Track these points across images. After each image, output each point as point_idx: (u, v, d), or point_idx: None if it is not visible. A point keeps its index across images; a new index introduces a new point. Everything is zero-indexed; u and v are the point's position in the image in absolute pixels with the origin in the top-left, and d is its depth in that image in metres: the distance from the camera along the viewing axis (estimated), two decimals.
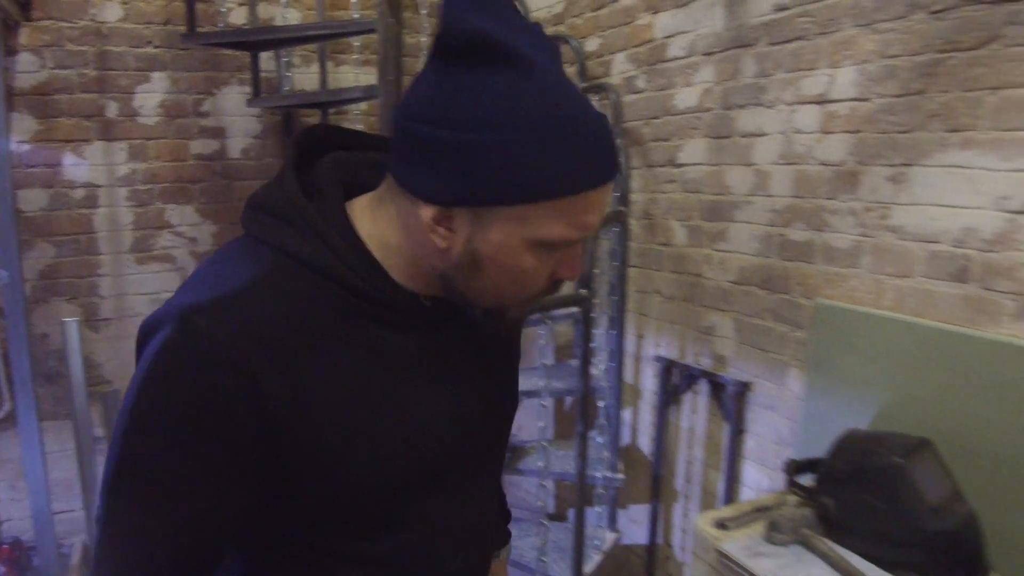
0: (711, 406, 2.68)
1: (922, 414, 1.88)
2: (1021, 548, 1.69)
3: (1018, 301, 1.74)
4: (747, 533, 1.76)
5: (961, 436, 1.80)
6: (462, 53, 0.73)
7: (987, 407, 1.77)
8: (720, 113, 2.51)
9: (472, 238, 0.78)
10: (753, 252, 2.43)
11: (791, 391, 2.33)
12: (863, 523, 1.62)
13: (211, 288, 0.79)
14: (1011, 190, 1.73)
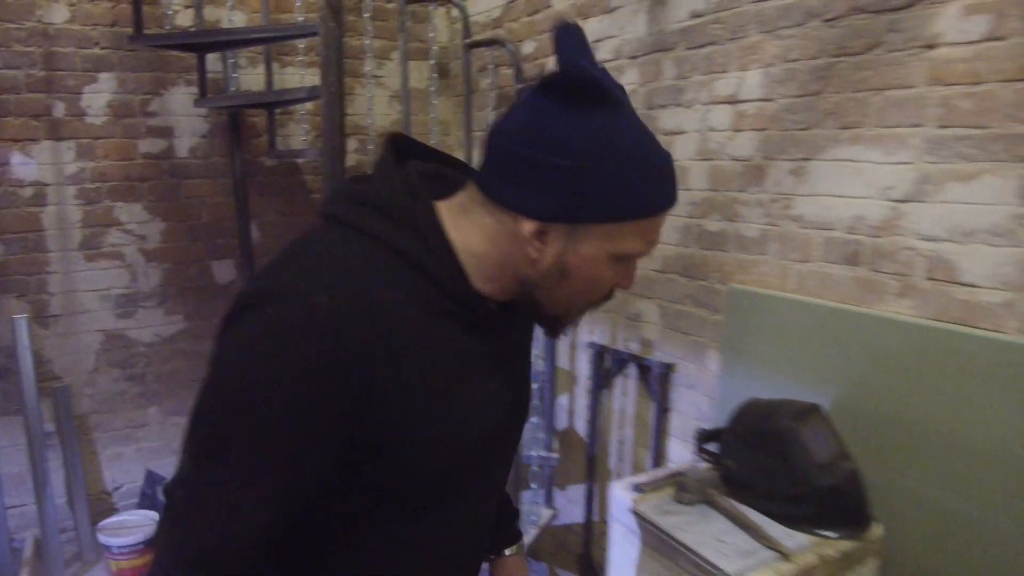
0: (640, 388, 2.85)
1: (818, 384, 2.07)
2: (902, 500, 1.88)
3: (900, 281, 1.93)
4: (659, 496, 1.92)
5: (851, 402, 1.99)
6: (572, 93, 0.85)
7: (873, 376, 1.96)
8: (644, 113, 2.68)
9: (565, 251, 0.89)
10: (675, 243, 2.60)
11: (710, 370, 2.51)
12: (760, 482, 1.79)
13: (324, 269, 0.86)
14: (894, 181, 1.92)
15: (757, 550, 1.68)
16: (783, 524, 1.76)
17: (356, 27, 3.47)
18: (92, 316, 3.29)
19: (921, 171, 1.86)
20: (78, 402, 3.32)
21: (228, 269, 3.53)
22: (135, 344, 3.40)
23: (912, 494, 1.88)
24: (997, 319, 1.75)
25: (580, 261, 0.90)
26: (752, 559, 1.64)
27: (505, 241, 0.91)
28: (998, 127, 1.71)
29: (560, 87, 0.85)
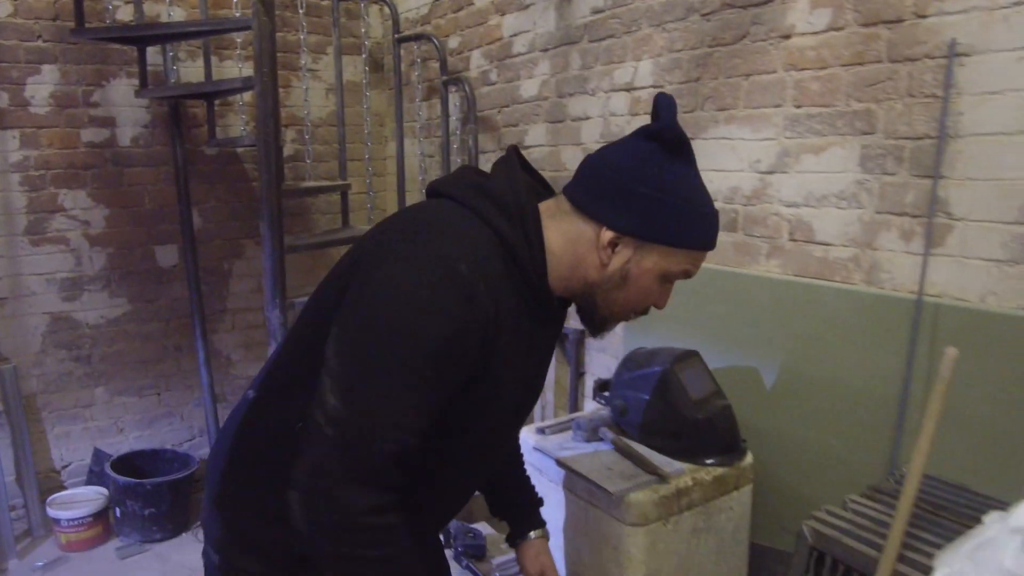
0: (557, 355, 3.09)
1: (702, 336, 2.33)
2: (770, 433, 2.16)
3: (769, 243, 2.21)
4: (560, 436, 2.17)
5: (727, 349, 2.25)
6: (668, 143, 1.12)
7: (748, 327, 2.23)
8: (555, 101, 2.93)
9: (630, 260, 1.15)
10: None
11: (616, 334, 2.76)
12: (645, 418, 2.04)
13: (460, 243, 1.09)
14: (761, 155, 2.20)
15: (640, 475, 1.92)
16: (665, 454, 2.01)
17: (292, 22, 3.66)
18: (38, 299, 3.41)
19: (782, 145, 2.14)
20: (26, 383, 3.44)
21: (171, 253, 3.68)
22: (81, 326, 3.54)
23: (779, 427, 2.15)
24: (847, 272, 2.03)
25: (640, 272, 1.16)
26: (634, 482, 1.89)
27: (582, 246, 1.16)
28: (841, 105, 1.99)
29: (662, 137, 1.13)
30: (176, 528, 3.52)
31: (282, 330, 3.04)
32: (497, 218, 1.13)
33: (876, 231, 1.95)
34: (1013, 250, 1.69)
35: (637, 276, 1.16)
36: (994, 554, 0.80)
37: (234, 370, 3.98)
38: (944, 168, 1.79)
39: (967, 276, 1.77)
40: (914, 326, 1.84)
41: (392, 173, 4.01)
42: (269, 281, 3.00)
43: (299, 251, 3.30)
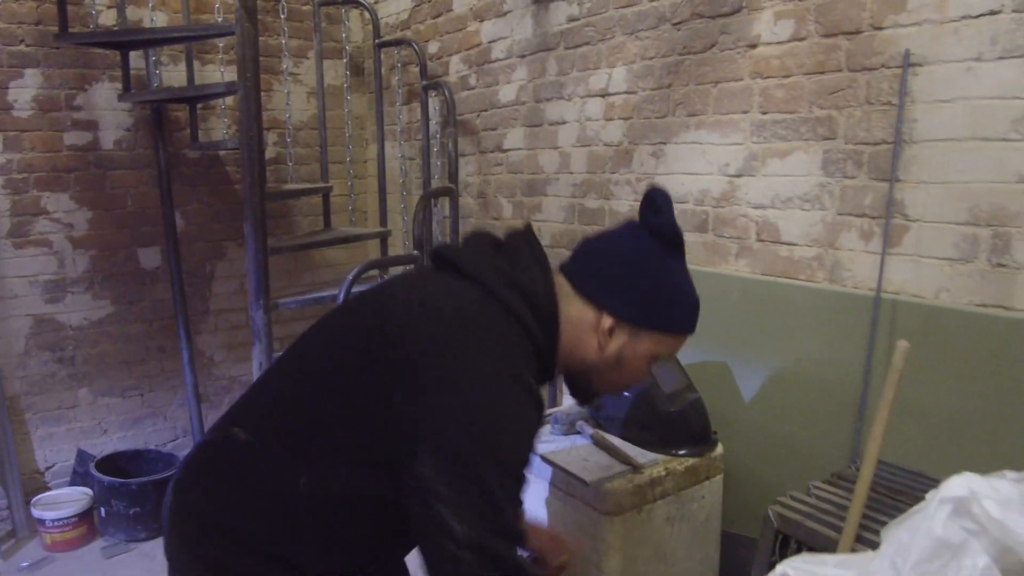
0: None
1: None
2: (739, 425, 2.25)
3: (738, 243, 2.30)
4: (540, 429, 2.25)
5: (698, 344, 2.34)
6: (666, 241, 1.27)
7: (718, 324, 2.32)
8: (533, 105, 3.01)
9: (625, 345, 1.27)
10: (561, 220, 2.94)
11: None
12: (619, 412, 2.13)
13: (516, 353, 1.20)
14: (729, 159, 2.29)
15: (615, 466, 2.01)
16: (640, 446, 2.10)
17: (273, 27, 3.72)
18: (21, 301, 3.44)
19: (749, 150, 2.23)
20: (9, 384, 3.47)
21: (153, 255, 3.72)
22: (64, 328, 3.57)
23: (747, 419, 2.25)
24: (810, 271, 2.13)
25: (634, 355, 1.28)
26: (609, 472, 1.98)
27: (582, 329, 1.28)
28: (804, 112, 2.09)
29: (662, 236, 1.27)
30: (160, 527, 3.55)
31: (266, 330, 3.10)
32: (533, 324, 1.23)
33: (837, 232, 2.05)
34: (964, 249, 1.80)
35: (631, 359, 1.29)
36: (927, 523, 0.90)
37: (217, 370, 4.03)
38: (900, 172, 1.90)
39: (922, 274, 1.88)
40: (873, 321, 1.94)
41: (373, 175, 4.07)
42: (253, 282, 3.06)
43: (282, 252, 3.36)
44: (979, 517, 0.88)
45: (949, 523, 0.88)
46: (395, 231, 3.84)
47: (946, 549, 0.87)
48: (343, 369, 1.22)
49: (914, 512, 0.99)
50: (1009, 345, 1.71)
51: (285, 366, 1.35)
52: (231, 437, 1.28)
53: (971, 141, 1.77)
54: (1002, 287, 1.75)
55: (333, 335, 1.31)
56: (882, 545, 0.97)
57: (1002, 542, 0.88)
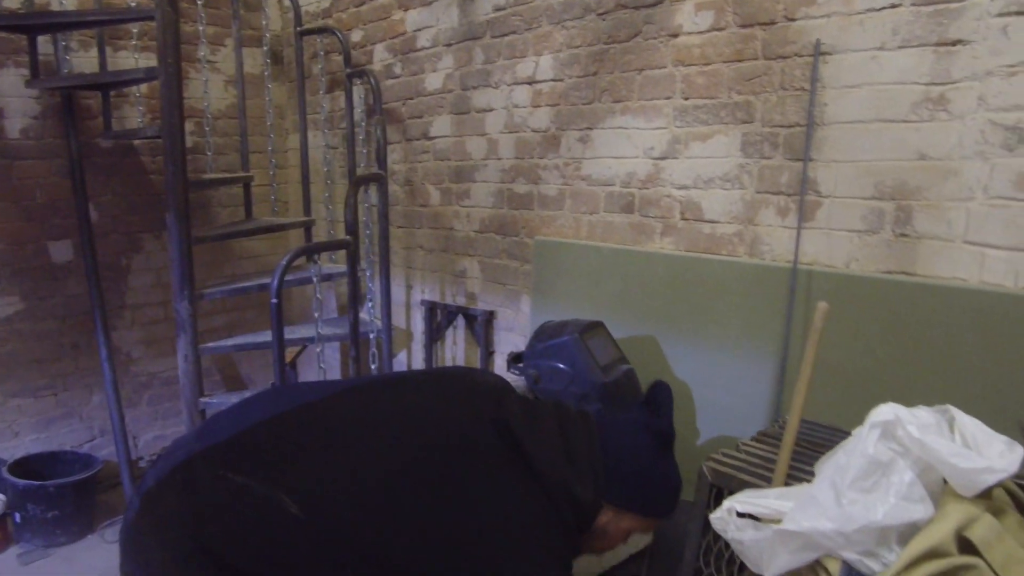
0: (467, 336, 3.24)
1: (605, 309, 2.53)
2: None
3: (663, 223, 2.42)
4: None
5: (629, 320, 2.46)
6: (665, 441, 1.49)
7: (646, 299, 2.44)
8: (459, 93, 3.07)
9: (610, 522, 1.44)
10: (489, 205, 3.01)
11: (524, 313, 2.93)
12: (556, 384, 2.22)
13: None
14: (654, 143, 2.41)
15: None
16: None
17: (189, 13, 3.64)
18: None
19: (673, 134, 2.35)
20: None
21: (65, 249, 3.60)
22: None
23: (677, 388, 2.36)
24: (732, 246, 2.26)
25: (616, 530, 1.47)
26: None
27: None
28: (724, 97, 2.22)
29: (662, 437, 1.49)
30: (81, 530, 3.46)
31: (191, 322, 3.06)
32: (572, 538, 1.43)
33: (756, 209, 2.19)
34: (871, 222, 1.96)
35: (612, 533, 1.48)
36: (860, 445, 1.01)
37: (136, 367, 3.92)
38: (813, 152, 2.05)
39: (834, 245, 2.03)
40: (791, 291, 2.09)
41: (295, 165, 4.04)
42: (177, 272, 3.01)
43: (206, 242, 3.31)
44: (903, 439, 1.00)
45: (879, 444, 1.00)
46: (319, 221, 3.83)
47: (877, 467, 0.98)
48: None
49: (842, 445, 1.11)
50: (913, 308, 1.88)
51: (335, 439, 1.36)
52: (275, 501, 1.25)
53: (876, 123, 1.93)
54: (905, 255, 1.91)
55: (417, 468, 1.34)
56: (818, 473, 1.08)
57: (923, 460, 1.00)
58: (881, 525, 0.94)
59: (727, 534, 1.09)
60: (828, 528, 0.95)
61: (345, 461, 1.31)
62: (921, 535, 0.93)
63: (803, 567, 1.00)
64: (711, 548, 1.73)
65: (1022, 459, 1.02)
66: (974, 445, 1.02)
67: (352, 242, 2.73)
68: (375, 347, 3.07)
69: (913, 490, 0.97)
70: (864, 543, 0.94)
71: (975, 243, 1.81)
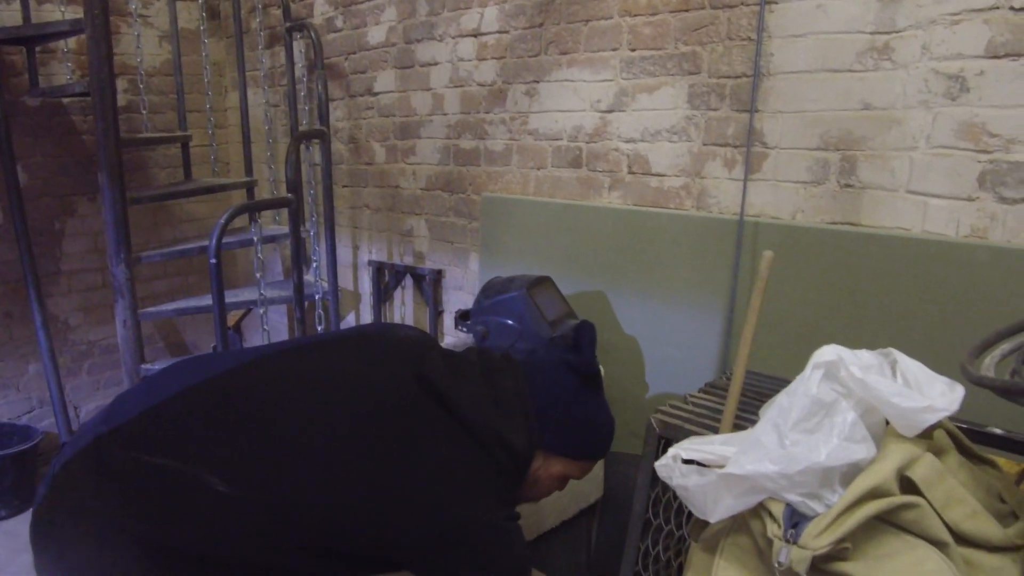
0: (416, 296, 3.20)
1: (553, 265, 2.50)
2: (616, 347, 2.37)
3: (611, 177, 2.40)
4: None
5: (577, 275, 2.45)
6: (588, 378, 1.45)
7: (594, 255, 2.42)
8: (403, 47, 2.99)
9: (540, 468, 1.42)
10: (436, 162, 2.95)
11: (472, 271, 2.89)
12: (504, 340, 2.19)
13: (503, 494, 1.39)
14: (601, 95, 2.37)
15: None
16: None
17: None
18: None
19: (620, 86, 2.32)
20: None
21: None
22: None
23: (626, 343, 2.37)
24: (679, 199, 2.25)
25: (547, 476, 1.45)
26: None
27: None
28: (671, 48, 2.19)
29: (585, 373, 1.45)
30: (21, 504, 3.36)
31: (128, 286, 2.96)
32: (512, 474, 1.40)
33: (703, 161, 2.17)
34: (816, 172, 1.96)
35: (544, 479, 1.45)
36: (803, 386, 1.00)
37: (74, 335, 3.80)
38: (759, 103, 2.03)
39: (780, 197, 2.03)
40: (738, 243, 2.08)
41: (235, 124, 3.92)
42: (112, 235, 2.91)
43: (142, 203, 3.20)
44: (845, 380, 0.99)
45: (822, 385, 0.99)
46: (261, 181, 3.72)
47: (820, 408, 0.98)
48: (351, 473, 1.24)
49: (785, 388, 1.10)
50: (857, 257, 1.89)
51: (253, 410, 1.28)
52: (198, 479, 1.18)
53: (821, 72, 1.91)
54: (850, 206, 1.92)
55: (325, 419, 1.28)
56: (762, 417, 1.07)
57: (866, 401, 0.99)
58: (824, 466, 0.93)
59: (672, 481, 1.07)
60: (771, 470, 0.94)
61: (268, 432, 1.25)
62: (863, 475, 0.93)
63: (747, 510, 1.00)
64: (660, 499, 1.74)
65: (962, 399, 1.02)
66: (916, 386, 1.02)
67: (294, 200, 2.65)
68: (321, 309, 3.01)
69: (855, 430, 0.96)
70: (807, 484, 0.93)
71: (918, 192, 1.81)
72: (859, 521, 0.89)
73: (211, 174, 3.80)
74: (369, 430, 1.27)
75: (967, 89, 1.70)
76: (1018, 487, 1.13)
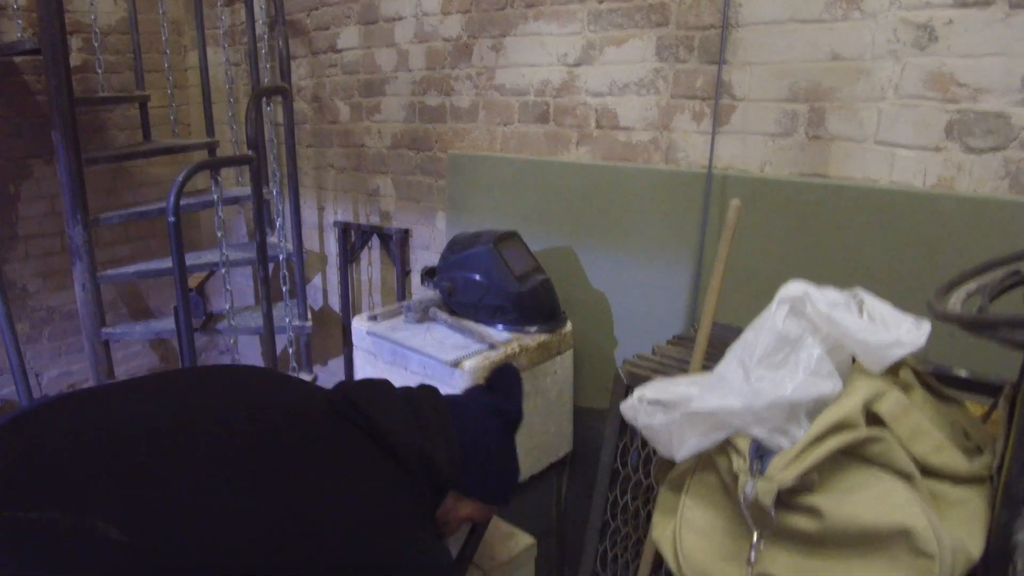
0: (383, 256, 3.15)
1: (521, 221, 2.47)
2: (584, 303, 2.36)
3: (578, 132, 2.37)
4: (391, 321, 2.25)
5: (545, 232, 2.42)
6: (512, 426, 1.44)
7: (562, 211, 2.40)
8: (367, 2, 2.92)
9: (450, 509, 1.37)
10: (401, 120, 2.90)
11: (439, 230, 2.86)
12: (471, 296, 2.17)
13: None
14: (567, 49, 2.33)
15: (471, 345, 2.06)
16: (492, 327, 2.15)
17: None
18: None
19: (587, 39, 2.28)
20: None
21: None
22: None
23: (594, 298, 2.36)
24: (647, 153, 2.23)
25: (455, 518, 1.41)
26: (467, 351, 2.02)
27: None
28: (639, 0, 2.15)
29: (509, 422, 1.44)
30: None
31: (86, 248, 2.89)
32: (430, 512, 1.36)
33: (672, 114, 2.15)
34: (784, 124, 1.94)
35: (452, 521, 1.42)
36: (769, 321, 0.99)
37: (33, 301, 3.71)
38: (728, 54, 2.01)
39: (748, 149, 2.02)
40: (706, 197, 2.07)
41: (195, 84, 3.81)
42: (68, 196, 2.84)
43: (99, 164, 3.11)
44: (812, 316, 0.98)
45: (788, 320, 0.98)
46: (223, 142, 3.63)
47: (786, 343, 0.97)
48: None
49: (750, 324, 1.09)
50: (825, 209, 1.88)
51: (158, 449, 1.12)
52: (91, 529, 1.02)
53: (790, 23, 1.89)
54: (818, 157, 1.91)
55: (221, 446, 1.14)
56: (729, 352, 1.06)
57: (832, 337, 0.99)
58: (790, 401, 0.92)
59: (637, 421, 1.06)
60: (737, 405, 0.93)
61: (166, 471, 1.09)
62: (830, 409, 0.93)
63: (713, 448, 0.99)
64: (628, 449, 1.74)
65: (928, 335, 1.02)
66: (882, 323, 1.01)
67: (255, 158, 2.59)
68: (286, 270, 2.96)
69: (822, 365, 0.96)
70: (773, 419, 0.93)
71: (886, 143, 1.81)
72: (825, 453, 0.89)
73: (171, 136, 3.70)
74: (279, 455, 1.16)
75: (935, 38, 1.69)
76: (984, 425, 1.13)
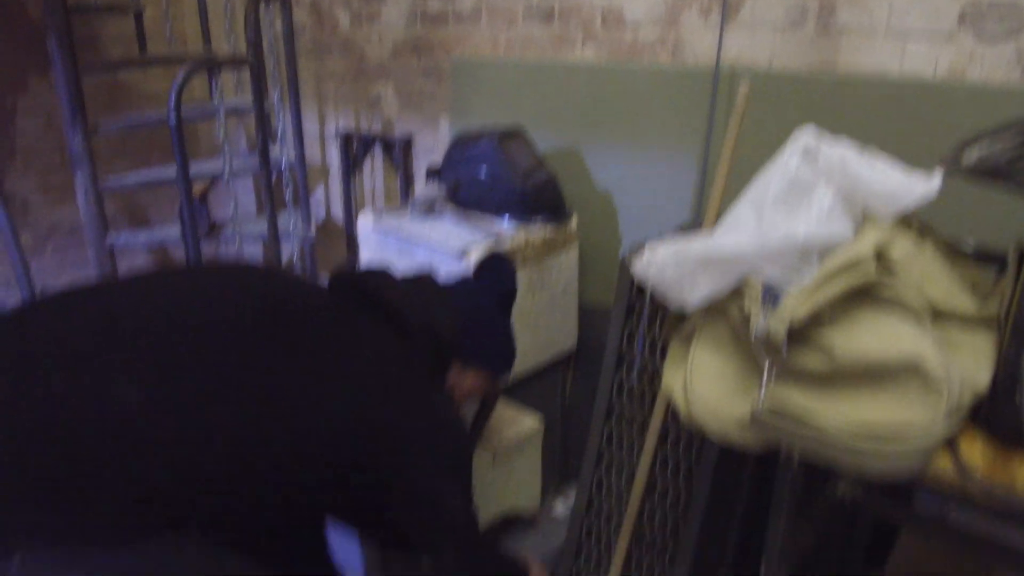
0: (386, 165, 3.14)
1: (528, 122, 2.44)
2: (592, 198, 2.36)
3: (584, 31, 2.34)
4: (398, 215, 2.26)
5: (551, 132, 2.41)
6: (507, 305, 1.60)
7: (568, 111, 2.38)
8: None
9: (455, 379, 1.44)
10: (403, 26, 2.85)
11: (442, 136, 2.84)
12: (476, 191, 2.17)
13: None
14: None
15: (477, 236, 2.06)
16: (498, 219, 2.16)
17: None
18: None
19: None
20: None
21: None
22: None
23: (600, 197, 2.36)
24: (654, 52, 2.20)
25: (459, 389, 1.47)
26: (473, 241, 2.03)
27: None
28: None
29: (503, 298, 1.59)
30: None
31: (87, 156, 2.87)
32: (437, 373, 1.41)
33: (679, 11, 2.12)
34: (794, 16, 1.92)
35: (458, 393, 1.47)
36: (782, 167, 1.00)
37: (34, 215, 3.70)
38: None
39: (756, 43, 2.00)
40: (713, 92, 2.06)
41: None
42: (66, 103, 2.81)
43: (95, 73, 3.08)
44: (825, 163, 0.99)
45: (802, 166, 0.99)
46: (221, 55, 3.57)
47: (799, 188, 0.98)
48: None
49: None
50: (834, 102, 1.88)
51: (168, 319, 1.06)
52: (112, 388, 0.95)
53: None
54: (827, 50, 1.89)
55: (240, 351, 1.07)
56: (744, 199, 1.07)
57: (845, 186, 0.99)
58: (802, 242, 0.94)
59: (648, 276, 1.08)
60: (750, 246, 0.94)
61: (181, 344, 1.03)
62: (842, 250, 0.94)
63: (724, 298, 1.00)
64: (633, 334, 1.76)
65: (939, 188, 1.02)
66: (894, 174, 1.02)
67: (255, 61, 2.56)
68: (289, 179, 2.95)
69: (834, 211, 0.97)
70: (785, 260, 0.94)
71: (897, 33, 1.79)
72: (837, 291, 0.90)
73: (167, 46, 3.64)
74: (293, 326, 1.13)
75: None
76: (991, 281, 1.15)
